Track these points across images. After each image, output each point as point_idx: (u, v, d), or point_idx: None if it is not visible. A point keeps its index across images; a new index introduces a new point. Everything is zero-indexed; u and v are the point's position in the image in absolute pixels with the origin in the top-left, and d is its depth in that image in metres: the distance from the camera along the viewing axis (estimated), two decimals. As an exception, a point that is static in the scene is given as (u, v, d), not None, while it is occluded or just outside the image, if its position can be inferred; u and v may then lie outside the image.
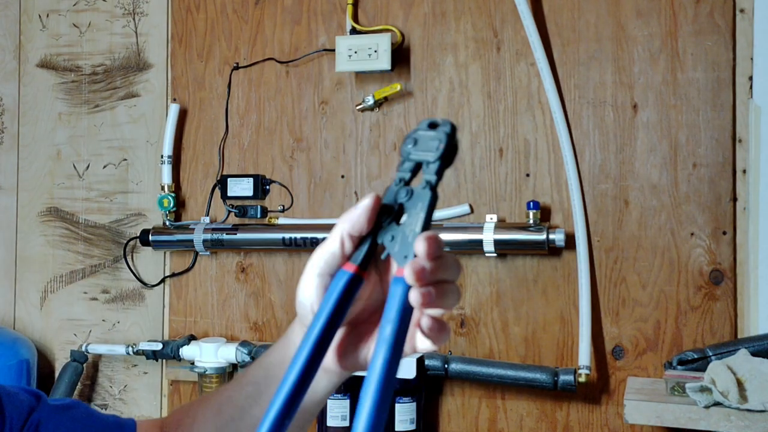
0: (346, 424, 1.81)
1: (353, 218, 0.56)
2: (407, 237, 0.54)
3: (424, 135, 0.55)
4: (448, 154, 0.54)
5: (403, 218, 0.55)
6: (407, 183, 0.56)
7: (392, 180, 0.56)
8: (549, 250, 1.78)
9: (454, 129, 0.55)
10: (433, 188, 0.54)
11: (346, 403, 1.82)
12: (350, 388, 1.82)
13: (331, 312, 0.54)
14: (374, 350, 0.52)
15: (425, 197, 0.54)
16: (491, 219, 1.83)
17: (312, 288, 0.58)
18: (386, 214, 0.56)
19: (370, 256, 0.56)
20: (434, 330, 0.55)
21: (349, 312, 0.57)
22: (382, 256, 0.58)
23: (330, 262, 0.57)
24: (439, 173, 0.54)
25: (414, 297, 0.52)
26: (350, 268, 0.55)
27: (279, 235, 1.97)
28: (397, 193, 0.56)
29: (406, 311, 0.53)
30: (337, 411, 1.81)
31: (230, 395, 0.73)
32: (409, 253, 0.54)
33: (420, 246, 0.52)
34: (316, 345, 0.54)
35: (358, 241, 0.57)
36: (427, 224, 0.54)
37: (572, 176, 1.79)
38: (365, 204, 0.56)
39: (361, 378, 0.51)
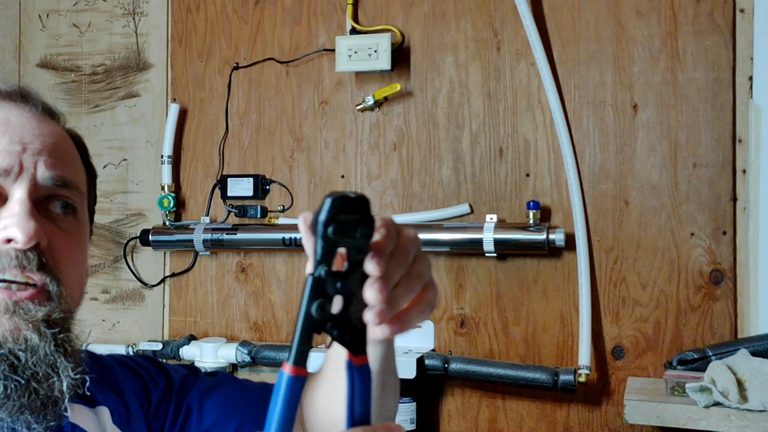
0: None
1: None
2: (356, 327, 0.54)
3: (345, 219, 0.52)
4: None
5: (343, 305, 0.53)
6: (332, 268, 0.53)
7: (314, 267, 0.53)
8: (549, 250, 1.78)
9: (370, 205, 0.53)
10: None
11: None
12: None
13: (280, 419, 0.52)
14: None
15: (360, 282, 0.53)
16: (491, 219, 1.83)
17: None
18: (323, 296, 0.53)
19: (308, 349, 0.53)
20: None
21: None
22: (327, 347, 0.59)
23: None
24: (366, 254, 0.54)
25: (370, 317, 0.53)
26: (289, 369, 0.52)
27: (279, 235, 1.97)
28: (328, 283, 0.52)
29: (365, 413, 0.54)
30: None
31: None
32: (362, 343, 0.54)
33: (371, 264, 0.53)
34: None
35: (301, 332, 0.53)
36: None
37: (572, 176, 1.79)
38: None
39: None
